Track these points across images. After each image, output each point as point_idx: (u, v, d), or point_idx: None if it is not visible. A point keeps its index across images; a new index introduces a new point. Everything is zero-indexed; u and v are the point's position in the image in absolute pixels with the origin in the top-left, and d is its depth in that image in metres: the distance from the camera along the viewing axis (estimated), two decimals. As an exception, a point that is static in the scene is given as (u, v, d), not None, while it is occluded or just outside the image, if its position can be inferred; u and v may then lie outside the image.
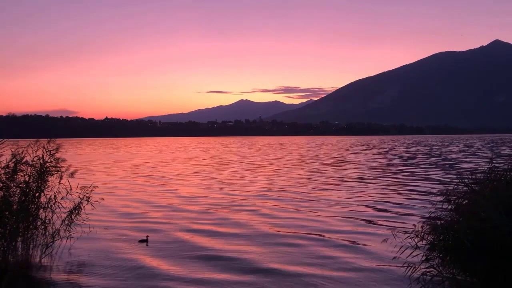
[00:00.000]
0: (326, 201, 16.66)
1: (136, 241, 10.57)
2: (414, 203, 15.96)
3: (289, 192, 19.35)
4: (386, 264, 8.54)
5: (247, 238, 10.93)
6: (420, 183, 22.34)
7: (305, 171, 30.12)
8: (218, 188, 20.96)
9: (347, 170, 30.69)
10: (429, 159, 42.88)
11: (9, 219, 8.72)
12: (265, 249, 9.89)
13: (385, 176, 25.74)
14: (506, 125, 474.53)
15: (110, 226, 12.21)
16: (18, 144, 9.44)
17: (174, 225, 12.45)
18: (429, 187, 20.01)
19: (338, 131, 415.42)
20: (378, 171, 29.63)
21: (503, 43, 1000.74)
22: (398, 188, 20.17)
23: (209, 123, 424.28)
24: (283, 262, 8.86)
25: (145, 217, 13.83)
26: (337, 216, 13.63)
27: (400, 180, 23.58)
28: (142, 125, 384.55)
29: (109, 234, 11.33)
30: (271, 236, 11.07)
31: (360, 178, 25.04)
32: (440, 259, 6.53)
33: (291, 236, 11.13)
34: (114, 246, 10.15)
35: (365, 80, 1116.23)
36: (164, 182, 23.66)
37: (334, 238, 10.89)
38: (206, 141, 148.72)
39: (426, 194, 17.77)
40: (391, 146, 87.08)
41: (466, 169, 29.01)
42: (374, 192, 18.90)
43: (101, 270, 8.39)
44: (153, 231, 11.57)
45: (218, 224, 12.56)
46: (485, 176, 6.99)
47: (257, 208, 15.25)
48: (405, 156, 48.24)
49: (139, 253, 9.55)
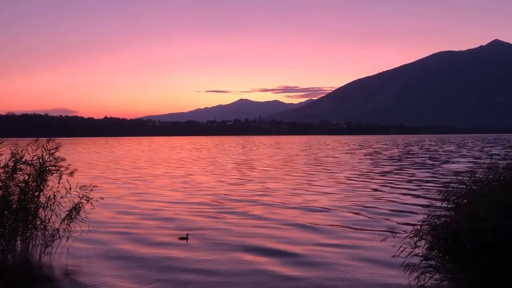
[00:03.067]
0: (321, 201, 16.69)
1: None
2: (413, 202, 15.98)
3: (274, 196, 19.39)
4: (385, 264, 8.53)
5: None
6: (407, 184, 22.38)
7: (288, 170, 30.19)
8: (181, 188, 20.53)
9: (338, 170, 30.70)
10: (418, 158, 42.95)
11: (8, 218, 8.72)
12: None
13: (378, 175, 25.78)
14: (505, 125, 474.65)
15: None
16: (17, 144, 9.43)
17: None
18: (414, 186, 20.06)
19: (338, 131, 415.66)
20: (370, 170, 29.68)
21: (503, 43, 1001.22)
22: (396, 188, 20.21)
23: (209, 122, 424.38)
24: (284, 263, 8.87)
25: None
26: (336, 216, 13.66)
27: (392, 179, 23.62)
28: (142, 125, 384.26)
29: (109, 233, 11.34)
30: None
31: (358, 175, 25.08)
32: (439, 259, 6.55)
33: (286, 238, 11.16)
34: (114, 246, 10.17)
35: (365, 79, 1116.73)
36: (136, 183, 22.98)
37: (333, 238, 10.90)
38: (202, 141, 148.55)
39: (425, 194, 17.79)
40: (383, 146, 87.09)
41: (448, 170, 29.08)
42: (371, 192, 18.94)
43: (100, 270, 8.39)
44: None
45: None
46: (484, 176, 7.01)
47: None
48: (394, 156, 48.32)
49: (139, 254, 9.56)
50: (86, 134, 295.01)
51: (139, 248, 9.89)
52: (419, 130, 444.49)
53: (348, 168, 31.75)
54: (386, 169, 31.25)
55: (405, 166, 33.48)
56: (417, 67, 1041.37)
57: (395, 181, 23.27)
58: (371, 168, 32.29)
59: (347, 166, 34.23)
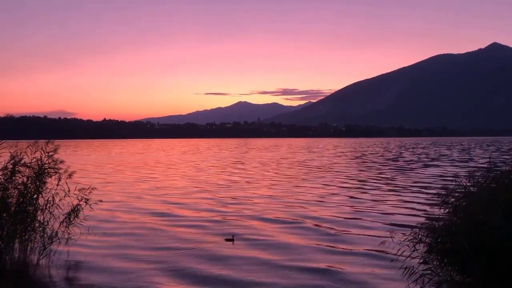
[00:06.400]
0: (319, 202, 16.68)
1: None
2: (411, 206, 15.97)
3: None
4: (384, 266, 8.53)
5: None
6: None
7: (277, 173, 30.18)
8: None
9: (334, 174, 30.70)
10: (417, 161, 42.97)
11: (7, 220, 8.70)
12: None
13: (376, 177, 25.80)
14: (504, 127, 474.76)
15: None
16: (17, 146, 9.42)
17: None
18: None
19: (337, 133, 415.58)
20: (367, 171, 29.71)
21: (502, 46, 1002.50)
22: (395, 188, 20.21)
23: (208, 124, 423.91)
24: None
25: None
26: (334, 217, 13.65)
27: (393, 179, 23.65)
28: (141, 127, 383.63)
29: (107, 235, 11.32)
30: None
31: (355, 179, 25.10)
32: (438, 261, 6.54)
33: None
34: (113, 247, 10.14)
35: (364, 82, 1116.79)
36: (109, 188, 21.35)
37: (332, 239, 10.89)
38: (196, 143, 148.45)
39: (424, 195, 17.78)
40: (374, 148, 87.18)
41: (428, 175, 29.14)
42: (367, 192, 18.95)
43: (99, 272, 8.37)
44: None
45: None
46: (483, 178, 7.00)
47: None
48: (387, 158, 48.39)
49: (138, 253, 9.54)
50: (85, 136, 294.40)
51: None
52: (418, 132, 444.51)
53: (343, 172, 31.75)
54: (384, 171, 31.28)
55: (404, 167, 33.54)
56: (417, 69, 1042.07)
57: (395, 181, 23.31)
58: (358, 172, 32.31)
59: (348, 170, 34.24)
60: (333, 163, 41.28)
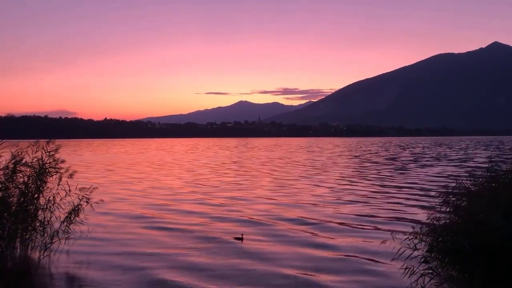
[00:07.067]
0: (318, 202, 16.69)
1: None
2: (413, 204, 15.97)
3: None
4: (385, 266, 8.53)
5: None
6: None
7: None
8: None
9: (330, 172, 30.71)
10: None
11: (8, 220, 8.72)
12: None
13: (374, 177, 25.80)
14: (505, 127, 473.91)
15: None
16: (18, 145, 9.43)
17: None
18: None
19: (337, 133, 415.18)
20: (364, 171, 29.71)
21: (503, 45, 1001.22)
22: (395, 188, 20.21)
23: (208, 124, 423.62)
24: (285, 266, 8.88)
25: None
26: (334, 216, 13.65)
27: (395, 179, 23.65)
28: (141, 126, 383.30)
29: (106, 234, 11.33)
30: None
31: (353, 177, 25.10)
32: (438, 261, 6.55)
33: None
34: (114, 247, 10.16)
35: (364, 81, 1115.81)
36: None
37: (331, 240, 10.89)
38: (196, 143, 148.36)
39: (424, 196, 17.78)
40: (372, 148, 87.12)
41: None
42: (366, 191, 18.94)
43: (99, 271, 8.38)
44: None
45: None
46: (484, 178, 7.01)
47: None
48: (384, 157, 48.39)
49: (139, 252, 9.55)
50: (86, 135, 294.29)
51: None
52: (418, 132, 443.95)
53: (343, 170, 31.77)
54: (382, 171, 31.28)
55: (404, 167, 33.53)
56: (417, 69, 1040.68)
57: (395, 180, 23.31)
58: (360, 171, 32.31)
59: (345, 168, 34.24)
60: (333, 162, 41.28)
